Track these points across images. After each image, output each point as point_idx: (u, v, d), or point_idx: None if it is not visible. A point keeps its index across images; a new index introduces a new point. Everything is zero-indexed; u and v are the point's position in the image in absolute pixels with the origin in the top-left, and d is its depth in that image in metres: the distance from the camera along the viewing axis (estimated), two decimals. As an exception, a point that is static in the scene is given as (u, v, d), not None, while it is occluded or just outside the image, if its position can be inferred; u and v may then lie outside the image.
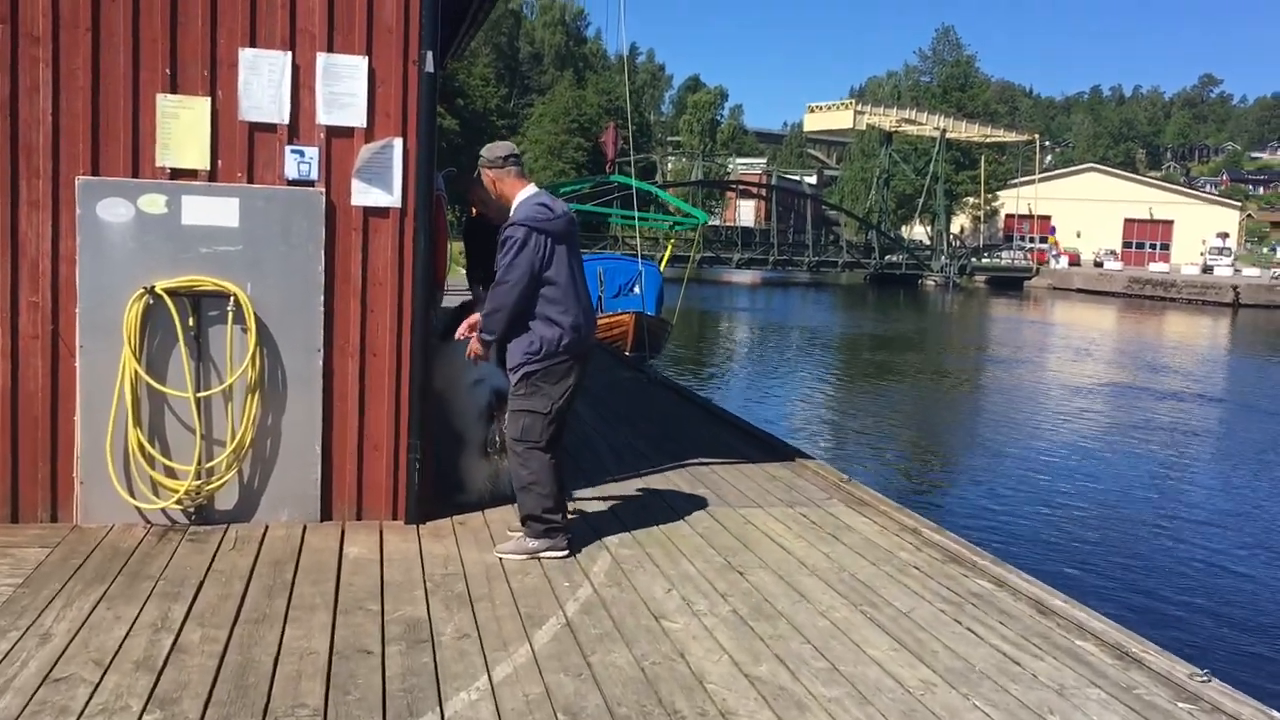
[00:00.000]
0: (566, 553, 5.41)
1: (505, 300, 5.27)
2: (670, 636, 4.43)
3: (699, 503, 6.60)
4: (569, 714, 3.68)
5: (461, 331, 5.72)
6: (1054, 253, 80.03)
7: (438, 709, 3.67)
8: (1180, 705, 3.99)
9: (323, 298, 5.65)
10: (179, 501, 5.51)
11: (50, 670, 3.79)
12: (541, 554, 5.36)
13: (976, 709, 3.87)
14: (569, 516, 5.61)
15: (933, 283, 68.25)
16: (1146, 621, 6.56)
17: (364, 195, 5.68)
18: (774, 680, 4.05)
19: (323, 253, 5.62)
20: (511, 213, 5.39)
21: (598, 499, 6.56)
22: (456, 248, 10.26)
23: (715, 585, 5.10)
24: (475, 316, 5.64)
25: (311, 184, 5.60)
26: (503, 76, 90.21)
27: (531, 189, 5.52)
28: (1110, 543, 10.94)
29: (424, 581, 4.94)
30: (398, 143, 5.68)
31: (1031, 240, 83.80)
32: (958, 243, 77.46)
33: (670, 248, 25.69)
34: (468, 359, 5.61)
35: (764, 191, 79.50)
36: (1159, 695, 4.07)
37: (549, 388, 5.37)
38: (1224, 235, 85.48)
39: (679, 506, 6.48)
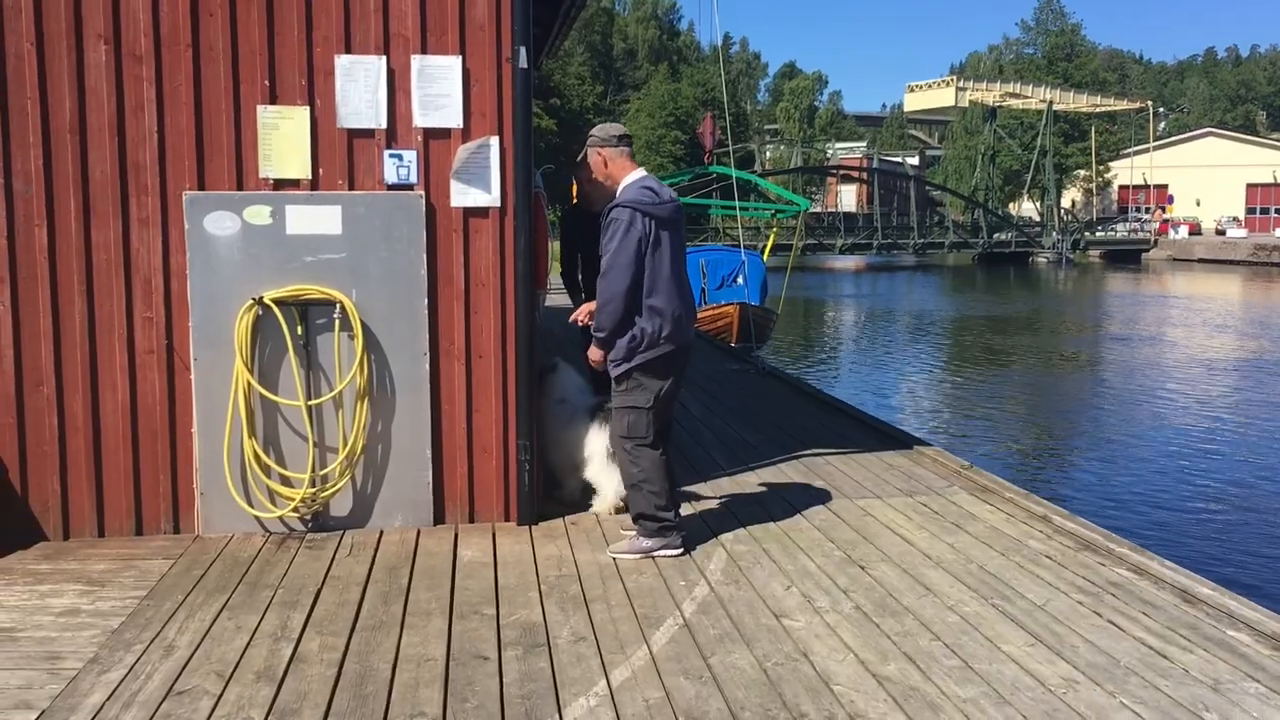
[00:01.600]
0: (681, 550, 5.29)
1: (615, 288, 5.11)
2: (792, 635, 4.28)
3: (814, 495, 6.43)
4: (691, 719, 3.56)
5: (580, 317, 5.62)
6: (1152, 225, 76.80)
7: (557, 715, 3.59)
8: (1350, 700, 3.70)
9: (426, 301, 5.63)
10: (295, 509, 5.56)
11: (174, 683, 3.82)
12: (655, 553, 5.25)
13: (1125, 707, 3.64)
14: (680, 514, 5.48)
15: (1044, 259, 66.31)
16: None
17: (463, 196, 5.64)
18: (904, 680, 3.87)
19: (424, 256, 5.60)
20: (618, 195, 5.28)
21: (709, 494, 6.43)
22: (555, 248, 10.21)
23: (836, 581, 4.93)
24: (592, 304, 5.48)
25: (411, 187, 5.59)
26: (598, 74, 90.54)
27: (640, 173, 5.37)
28: (1253, 527, 10.37)
29: (538, 584, 4.88)
30: (494, 142, 5.63)
31: (1146, 209, 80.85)
32: (1069, 217, 75.13)
33: (773, 236, 25.32)
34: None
35: (865, 175, 78.29)
36: (1325, 689, 3.78)
37: (650, 381, 5.24)
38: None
39: (794, 499, 6.31)
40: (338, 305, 5.51)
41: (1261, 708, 3.64)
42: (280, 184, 5.50)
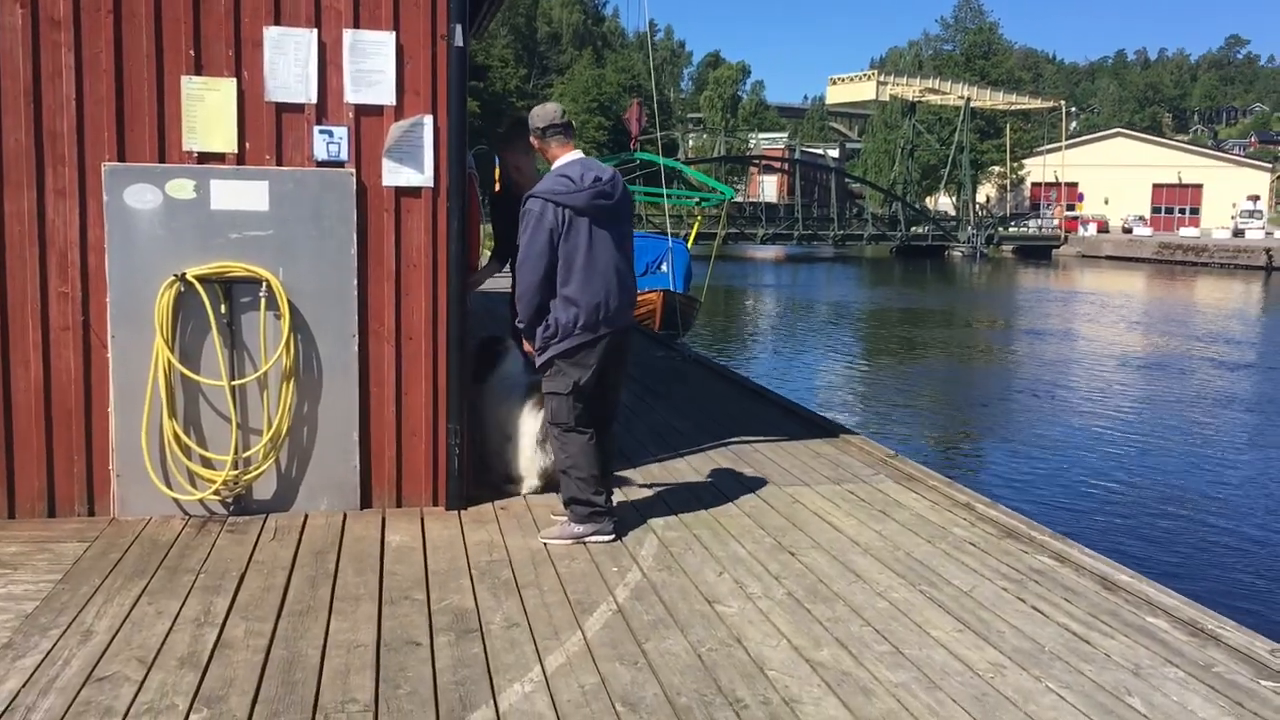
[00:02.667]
0: (613, 537, 5.28)
1: (528, 280, 5.12)
2: (725, 621, 4.29)
3: (744, 482, 6.46)
4: (627, 704, 3.55)
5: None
6: (1052, 217, 78.65)
7: (492, 702, 3.55)
8: (1264, 683, 3.82)
9: (356, 282, 5.52)
10: (216, 492, 5.41)
11: (93, 669, 3.69)
12: (587, 538, 5.23)
13: (1050, 691, 3.71)
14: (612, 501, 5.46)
15: (959, 253, 67.59)
16: (1214, 596, 6.36)
17: (395, 175, 5.54)
18: (837, 665, 3.90)
19: (355, 235, 5.49)
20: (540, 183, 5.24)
21: (640, 480, 6.42)
22: (487, 230, 10.06)
23: (767, 567, 4.96)
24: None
25: (341, 165, 5.47)
26: (521, 57, 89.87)
27: (568, 157, 5.31)
28: (1165, 516, 10.68)
29: (469, 569, 4.82)
30: (428, 120, 5.53)
31: (1050, 207, 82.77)
32: (984, 212, 76.63)
33: (698, 224, 25.40)
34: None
35: (786, 166, 78.92)
36: (1240, 673, 3.90)
37: (570, 368, 5.20)
38: (1255, 198, 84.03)
39: (723, 486, 6.33)
40: (264, 284, 5.37)
41: (1181, 691, 3.74)
42: (205, 157, 5.34)
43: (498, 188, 7.28)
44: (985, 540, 5.43)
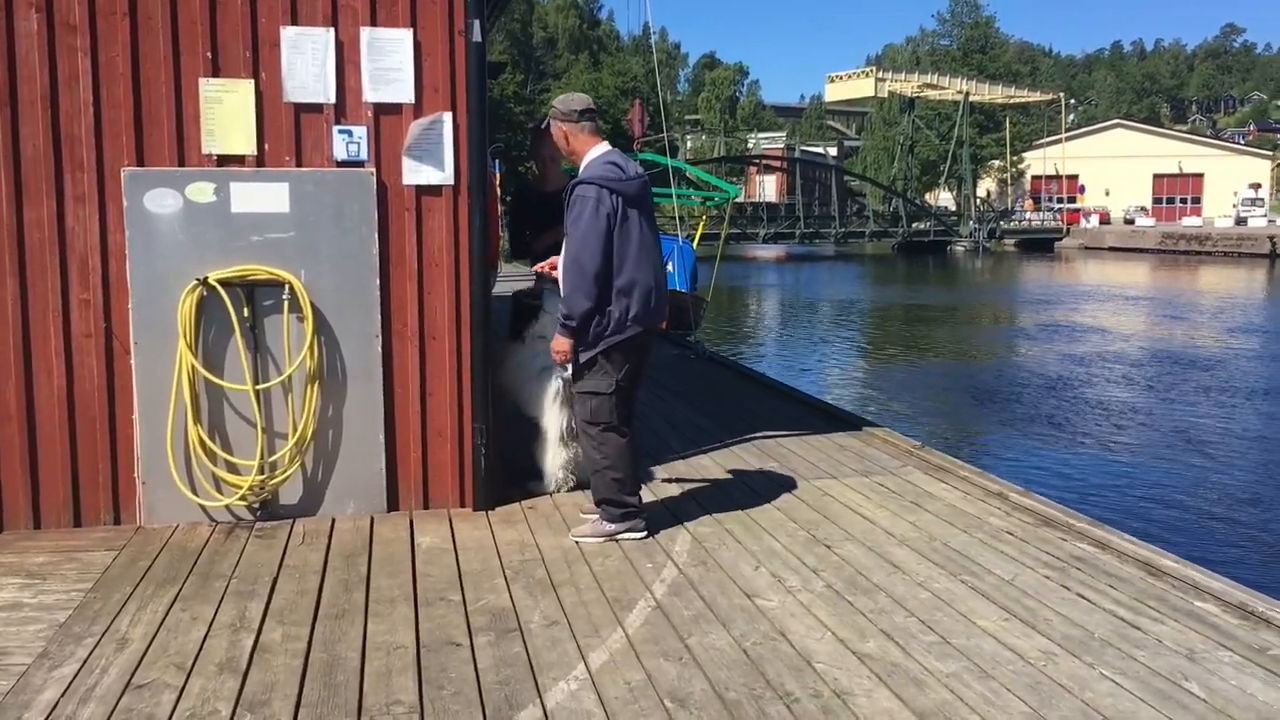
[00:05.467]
0: (645, 534, 5.21)
1: (586, 270, 4.89)
2: (767, 615, 4.23)
3: (771, 476, 6.39)
4: (676, 700, 3.49)
5: (544, 266, 5.50)
6: (1025, 214, 78.46)
7: (538, 701, 3.49)
8: (1320, 665, 3.75)
9: (378, 282, 5.46)
10: (243, 498, 5.36)
11: (131, 676, 3.64)
12: (619, 536, 5.16)
13: (1105, 678, 3.65)
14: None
15: (962, 248, 67.46)
16: (1258, 581, 6.28)
17: (415, 174, 5.48)
18: (884, 657, 3.84)
19: (376, 235, 5.44)
20: (581, 171, 5.13)
21: (665, 476, 6.36)
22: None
23: (804, 560, 4.89)
24: (554, 259, 5.33)
25: (361, 164, 5.41)
26: (517, 63, 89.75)
27: (604, 147, 5.21)
28: (1197, 504, 10.60)
29: (502, 569, 4.76)
30: (447, 117, 5.47)
31: (1061, 201, 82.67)
32: (985, 206, 76.51)
33: (702, 224, 25.30)
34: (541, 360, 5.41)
35: (785, 165, 78.80)
36: (1296, 655, 3.84)
37: (611, 365, 5.09)
38: (1256, 186, 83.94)
39: (750, 481, 6.27)
40: (286, 286, 5.32)
41: (1238, 675, 3.67)
42: (224, 160, 5.29)
43: (499, 191, 7.19)
44: (1022, 529, 5.36)
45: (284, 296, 5.32)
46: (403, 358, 5.56)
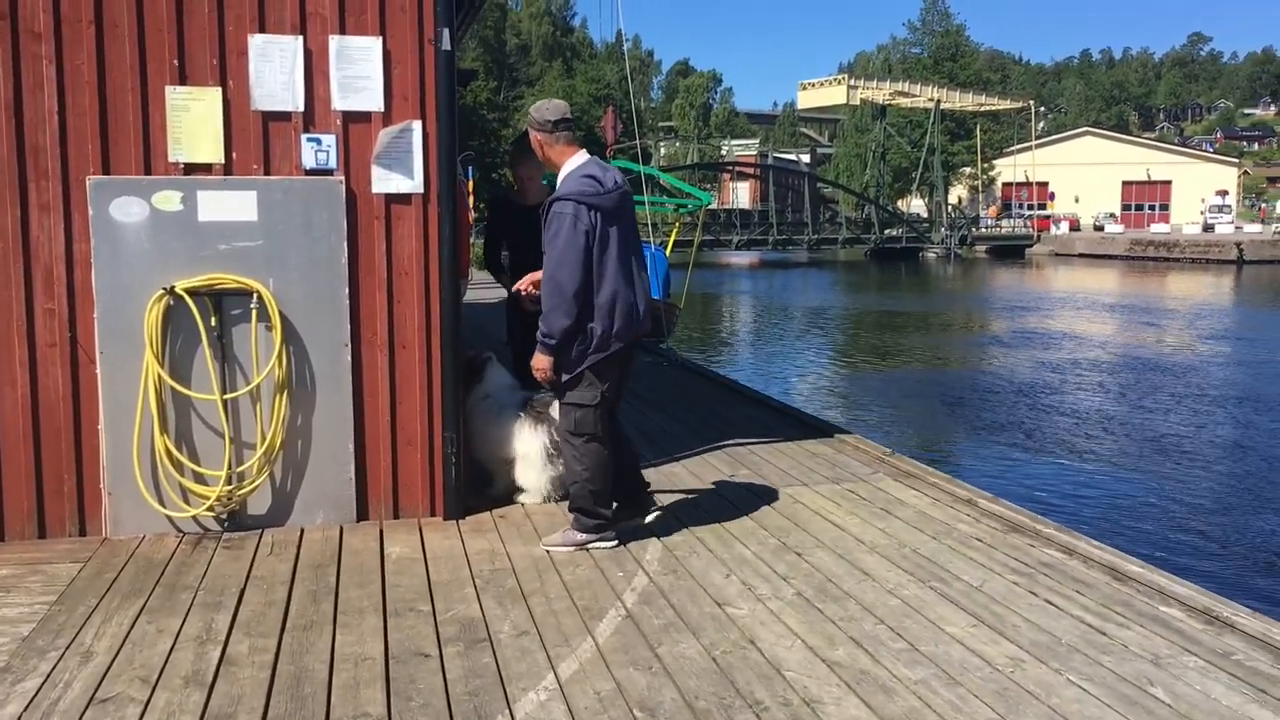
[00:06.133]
0: (615, 543, 5.20)
1: (565, 290, 4.84)
2: (737, 623, 4.23)
3: (742, 484, 6.40)
4: (645, 710, 3.49)
5: (524, 286, 5.48)
6: (989, 220, 79.16)
7: (507, 711, 3.48)
8: (1283, 669, 3.79)
9: (348, 291, 5.44)
10: (210, 508, 5.32)
11: (96, 690, 3.60)
12: (589, 545, 5.16)
13: (1072, 684, 3.67)
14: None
15: (934, 254, 67.89)
16: (1221, 585, 6.35)
17: (385, 182, 5.46)
18: (854, 664, 3.85)
19: (345, 244, 5.41)
20: (558, 185, 5.10)
21: (638, 485, 6.34)
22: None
23: (774, 568, 4.90)
24: (535, 274, 5.28)
25: (330, 173, 5.39)
26: (490, 69, 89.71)
27: (582, 157, 5.14)
28: (1167, 505, 10.70)
29: (472, 579, 4.75)
30: (416, 126, 5.46)
31: (1031, 207, 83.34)
32: (956, 213, 77.01)
33: (675, 231, 25.36)
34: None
35: (759, 172, 79.07)
36: (1260, 660, 3.87)
37: (597, 378, 5.06)
38: (1223, 193, 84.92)
39: (722, 489, 6.28)
40: (254, 295, 5.28)
41: (1203, 680, 3.70)
42: (191, 168, 5.25)
43: (471, 200, 7.16)
44: (991, 535, 5.40)
45: (252, 305, 5.29)
46: (372, 367, 5.54)
